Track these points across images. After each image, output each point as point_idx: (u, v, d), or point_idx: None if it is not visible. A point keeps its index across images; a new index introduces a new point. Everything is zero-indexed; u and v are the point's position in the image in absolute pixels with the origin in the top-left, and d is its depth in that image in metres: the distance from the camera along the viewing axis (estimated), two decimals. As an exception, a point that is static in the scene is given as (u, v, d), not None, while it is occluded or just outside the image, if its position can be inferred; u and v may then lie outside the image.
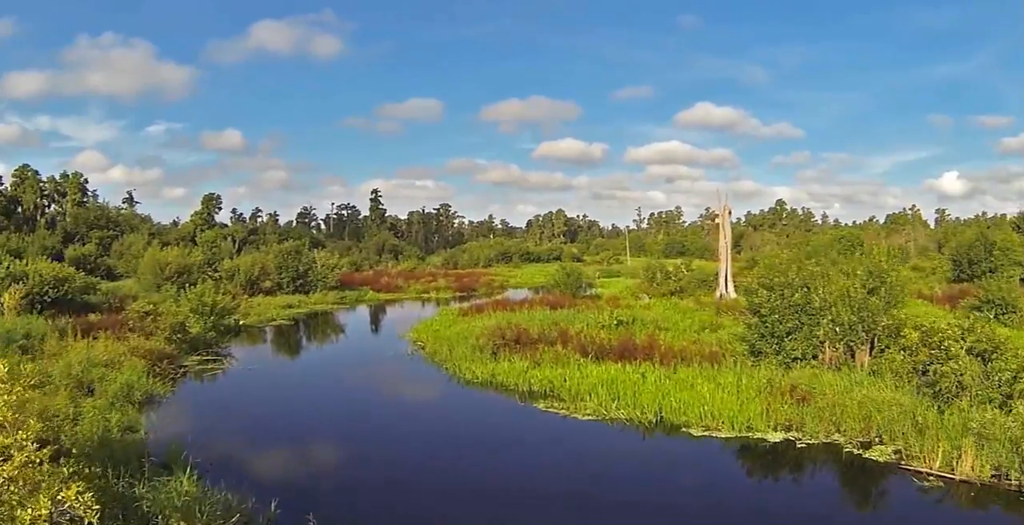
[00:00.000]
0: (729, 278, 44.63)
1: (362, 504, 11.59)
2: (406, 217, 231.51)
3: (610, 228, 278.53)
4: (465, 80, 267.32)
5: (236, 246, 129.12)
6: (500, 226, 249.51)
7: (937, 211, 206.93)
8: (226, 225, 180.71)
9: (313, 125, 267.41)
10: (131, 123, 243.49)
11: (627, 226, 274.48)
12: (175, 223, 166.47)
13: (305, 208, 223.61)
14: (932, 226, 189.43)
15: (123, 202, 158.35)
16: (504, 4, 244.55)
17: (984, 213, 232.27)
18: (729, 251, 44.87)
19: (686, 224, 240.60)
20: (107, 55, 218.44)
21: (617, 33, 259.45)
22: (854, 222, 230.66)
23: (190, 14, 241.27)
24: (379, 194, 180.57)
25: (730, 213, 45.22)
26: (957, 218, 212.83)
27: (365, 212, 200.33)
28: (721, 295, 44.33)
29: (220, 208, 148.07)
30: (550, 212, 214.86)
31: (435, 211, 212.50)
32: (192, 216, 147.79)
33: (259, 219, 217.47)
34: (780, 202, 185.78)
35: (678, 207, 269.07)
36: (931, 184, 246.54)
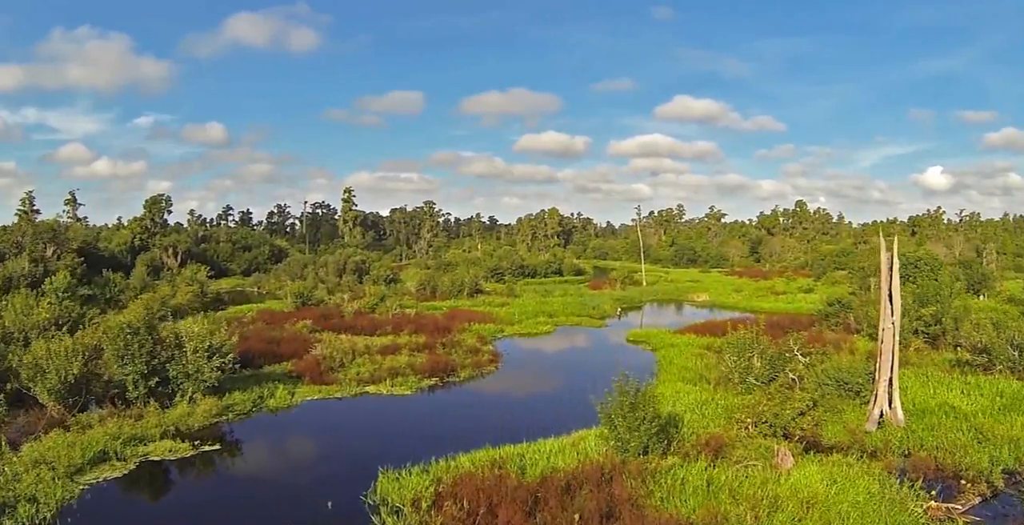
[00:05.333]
0: (895, 382, 25.68)
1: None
2: (388, 214, 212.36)
3: (604, 225, 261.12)
4: (444, 73, 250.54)
5: (179, 259, 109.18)
6: (487, 221, 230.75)
7: (966, 214, 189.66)
8: (183, 226, 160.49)
9: (295, 118, 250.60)
10: (117, 116, 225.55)
11: (622, 224, 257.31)
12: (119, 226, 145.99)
13: (278, 206, 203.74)
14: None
15: (65, 203, 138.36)
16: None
17: (1006, 214, 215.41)
18: (897, 334, 25.75)
19: (682, 219, 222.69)
20: (85, 48, 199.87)
21: (595, 25, 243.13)
22: (874, 222, 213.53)
23: (164, 6, 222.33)
24: (352, 194, 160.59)
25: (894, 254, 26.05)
26: (986, 219, 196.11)
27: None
28: (882, 415, 25.38)
29: (170, 211, 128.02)
30: (542, 211, 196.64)
31: (419, 209, 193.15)
32: (130, 223, 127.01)
33: (230, 218, 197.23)
34: (800, 204, 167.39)
35: (680, 205, 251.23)
36: (916, 179, 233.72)
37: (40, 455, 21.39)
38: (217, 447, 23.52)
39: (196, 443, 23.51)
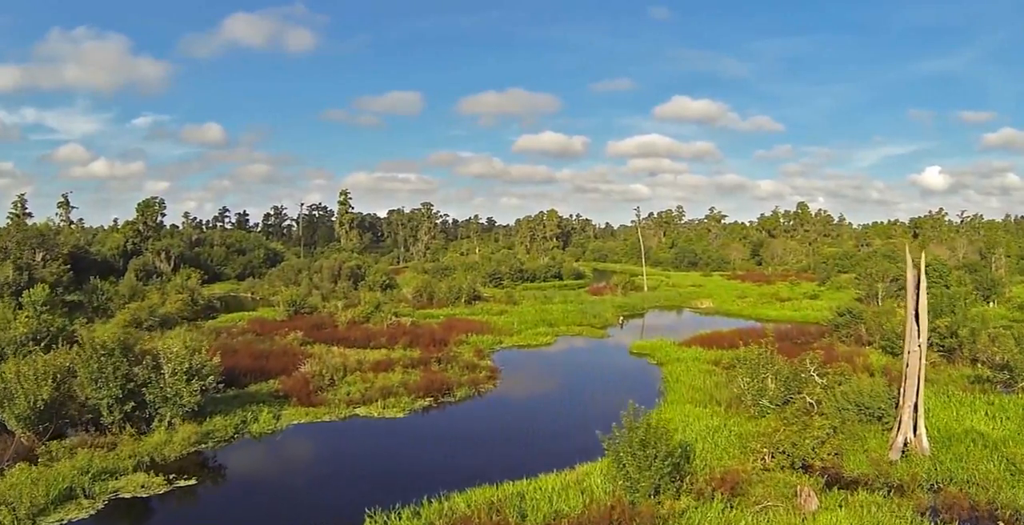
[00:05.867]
0: (920, 408, 24.05)
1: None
2: (386, 216, 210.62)
3: (603, 226, 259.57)
4: (442, 73, 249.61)
5: (172, 263, 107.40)
6: (485, 222, 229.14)
7: (967, 215, 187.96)
8: (178, 229, 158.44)
9: (294, 119, 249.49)
10: (115, 116, 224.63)
11: (621, 225, 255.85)
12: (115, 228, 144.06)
13: (275, 208, 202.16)
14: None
15: (58, 206, 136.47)
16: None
17: (1007, 215, 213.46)
18: (923, 358, 24.12)
19: (682, 220, 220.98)
20: (83, 48, 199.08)
21: (594, 25, 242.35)
22: (875, 223, 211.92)
23: (162, 6, 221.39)
24: (349, 196, 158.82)
25: (920, 273, 24.38)
26: (987, 221, 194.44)
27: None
28: (906, 444, 23.75)
29: (164, 214, 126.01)
30: (541, 212, 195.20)
31: (417, 210, 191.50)
32: (123, 226, 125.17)
33: (226, 219, 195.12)
34: (802, 205, 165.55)
35: (679, 206, 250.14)
36: (914, 179, 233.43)
37: (1, 494, 19.73)
38: (193, 481, 21.83)
39: (171, 477, 21.83)
